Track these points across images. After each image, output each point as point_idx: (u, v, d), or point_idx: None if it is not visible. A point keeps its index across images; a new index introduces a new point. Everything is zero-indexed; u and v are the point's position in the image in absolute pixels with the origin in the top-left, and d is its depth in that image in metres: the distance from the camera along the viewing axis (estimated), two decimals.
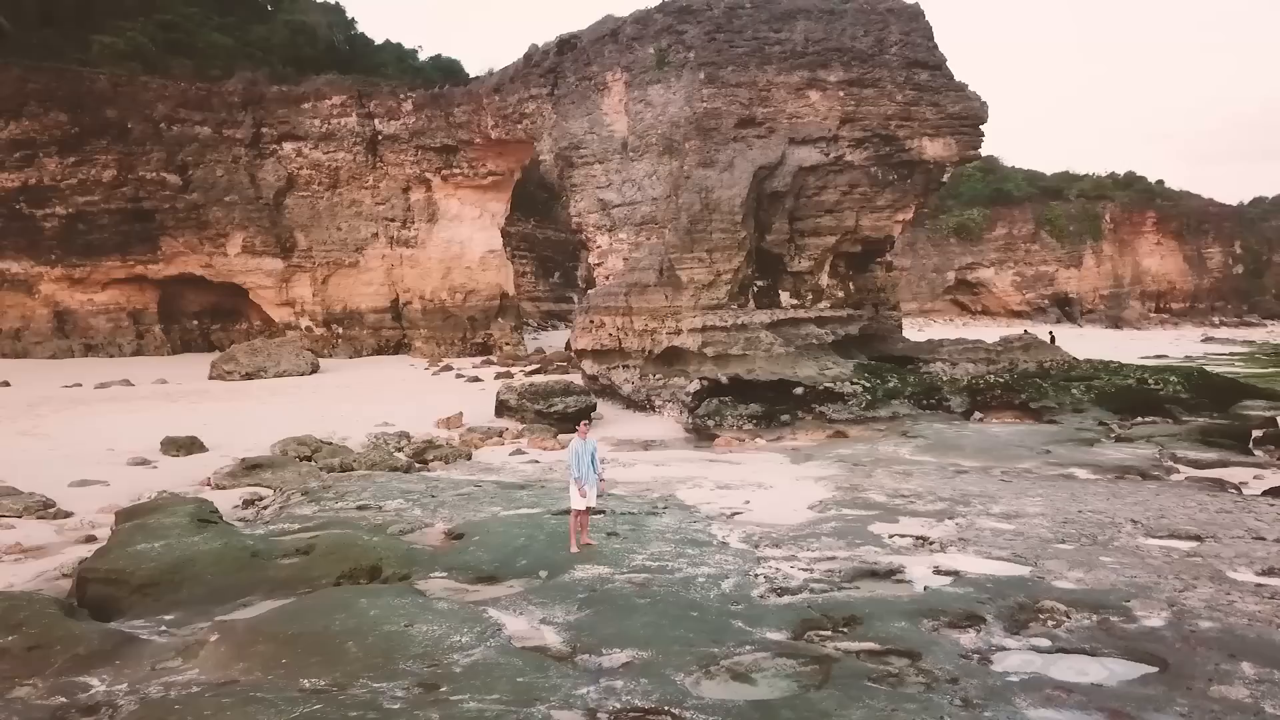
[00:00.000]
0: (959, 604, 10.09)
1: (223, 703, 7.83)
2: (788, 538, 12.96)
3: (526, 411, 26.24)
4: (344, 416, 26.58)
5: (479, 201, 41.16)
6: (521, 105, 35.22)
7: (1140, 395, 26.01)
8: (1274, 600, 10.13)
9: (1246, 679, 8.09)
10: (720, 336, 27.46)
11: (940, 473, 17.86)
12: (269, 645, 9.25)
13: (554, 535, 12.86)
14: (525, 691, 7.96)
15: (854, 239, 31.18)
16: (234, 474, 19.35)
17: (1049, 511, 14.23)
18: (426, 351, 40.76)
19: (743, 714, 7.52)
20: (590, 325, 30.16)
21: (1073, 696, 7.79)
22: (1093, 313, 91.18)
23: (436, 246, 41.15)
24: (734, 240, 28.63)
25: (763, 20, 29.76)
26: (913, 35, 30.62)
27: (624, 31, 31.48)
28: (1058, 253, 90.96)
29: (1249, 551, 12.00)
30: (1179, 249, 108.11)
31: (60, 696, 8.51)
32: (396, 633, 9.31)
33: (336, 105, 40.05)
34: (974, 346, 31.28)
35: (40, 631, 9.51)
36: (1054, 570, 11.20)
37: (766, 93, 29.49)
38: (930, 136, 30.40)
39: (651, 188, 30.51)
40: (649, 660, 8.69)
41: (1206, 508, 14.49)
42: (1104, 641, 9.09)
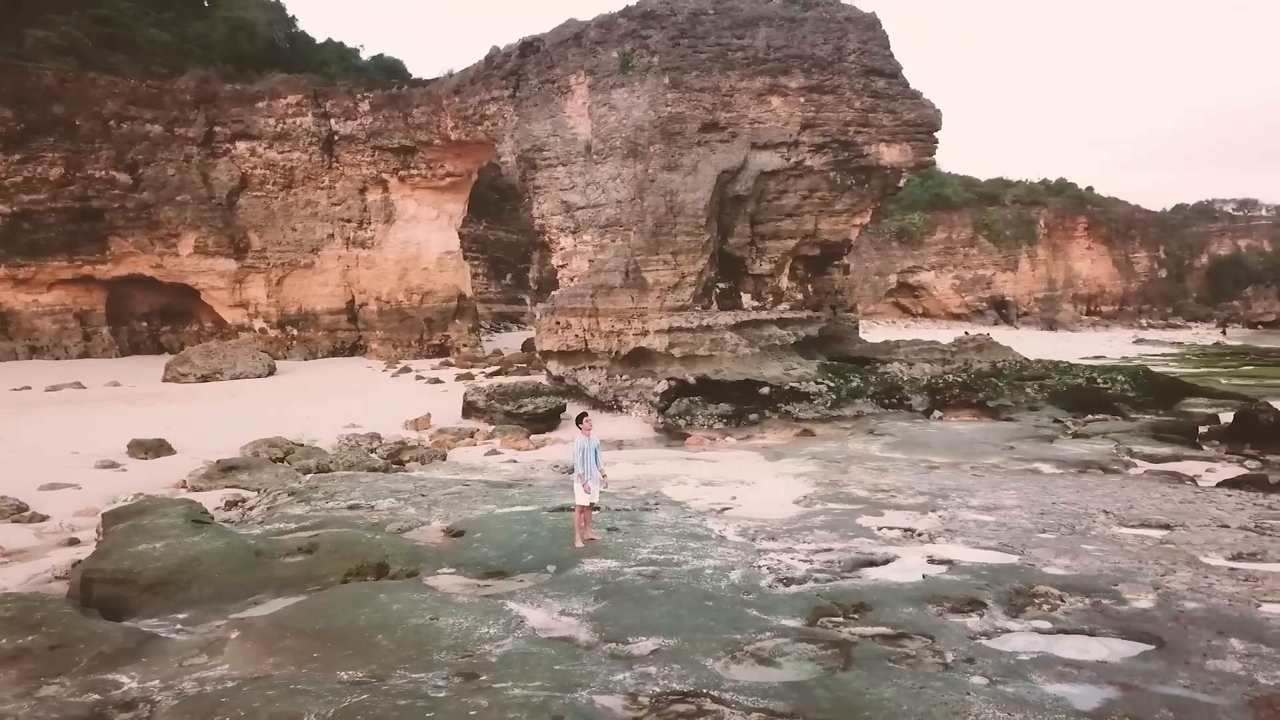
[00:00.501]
0: (959, 590, 10.57)
1: (268, 694, 7.93)
2: (782, 531, 13.37)
3: (495, 412, 26.35)
4: (309, 418, 26.42)
5: (436, 202, 41.04)
6: (482, 107, 35.25)
7: (1090, 394, 27.06)
8: (1248, 582, 10.80)
9: (1237, 653, 8.67)
10: (686, 338, 27.89)
11: (913, 469, 18.47)
12: (297, 640, 9.35)
13: (555, 531, 13.09)
14: (564, 678, 8.20)
15: (813, 242, 31.86)
16: (210, 476, 19.20)
17: (1025, 504, 14.86)
18: (383, 353, 40.51)
19: (779, 694, 7.86)
20: (556, 326, 30.37)
21: (1083, 672, 8.28)
22: (1028, 315, 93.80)
23: (393, 247, 40.91)
24: (698, 243, 29.08)
25: (725, 27, 30.26)
26: (870, 44, 31.41)
27: (587, 35, 31.74)
28: (995, 257, 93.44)
29: (1217, 538, 12.73)
30: (1108, 253, 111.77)
31: (93, 694, 8.52)
32: (424, 625, 9.47)
33: (292, 105, 39.58)
34: (929, 347, 32.16)
35: (61, 631, 9.48)
36: (1041, 558, 11.76)
37: (729, 98, 30.02)
38: (887, 142, 31.22)
39: (616, 190, 30.82)
40: (676, 647, 8.99)
41: (1170, 499, 15.26)
42: (1100, 622, 9.63)
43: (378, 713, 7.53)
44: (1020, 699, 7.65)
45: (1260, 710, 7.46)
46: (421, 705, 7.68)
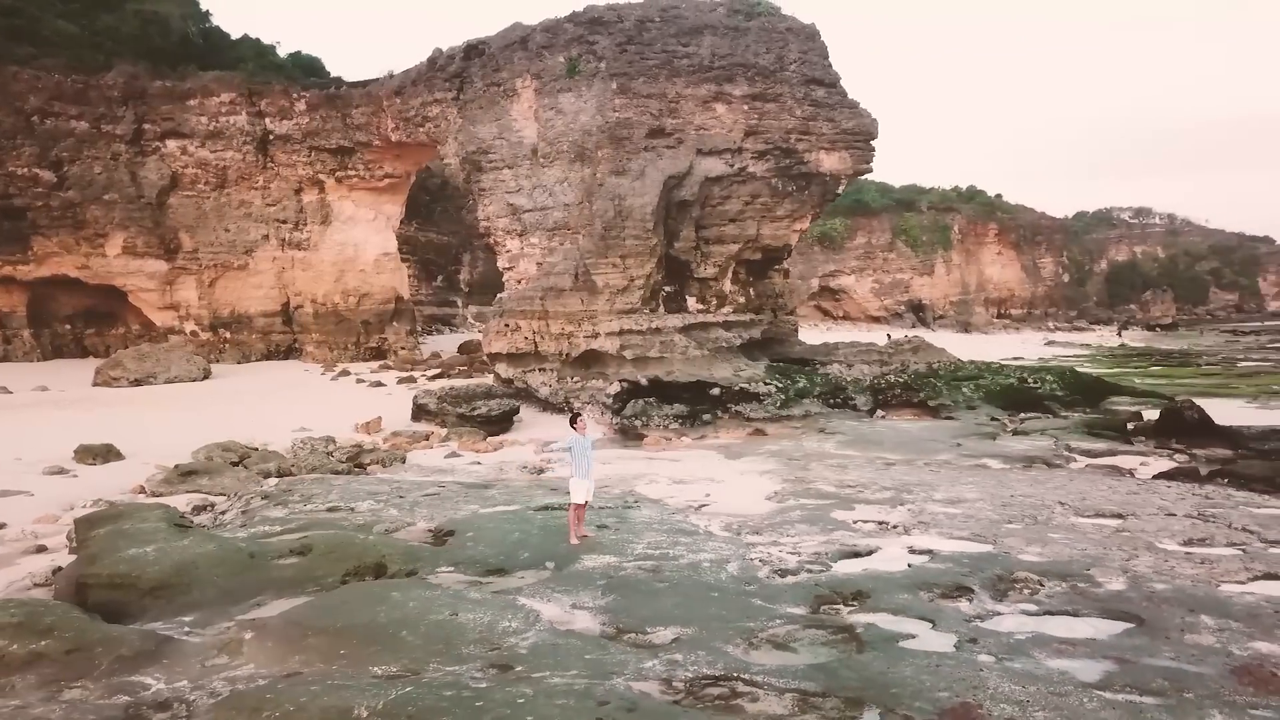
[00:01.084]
0: (946, 578, 11.17)
1: (312, 690, 8.06)
2: (764, 526, 13.87)
3: (448, 415, 26.37)
4: (256, 422, 26.10)
5: (374, 204, 40.65)
6: (425, 109, 35.12)
7: (1022, 393, 28.31)
8: (1205, 565, 11.66)
9: (1210, 628, 9.42)
10: (637, 340, 28.31)
11: (872, 465, 19.20)
12: (320, 639, 9.45)
13: (545, 529, 13.36)
14: (597, 667, 8.51)
15: (755, 247, 32.61)
16: (169, 481, 18.94)
17: (986, 497, 15.65)
18: (319, 356, 39.96)
19: (806, 675, 8.30)
20: (505, 329, 30.49)
21: (1078, 648, 8.93)
22: (943, 318, 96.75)
23: (330, 249, 40.38)
24: (646, 247, 29.55)
25: (671, 34, 30.80)
26: (810, 54, 32.29)
27: (534, 39, 31.94)
28: (912, 261, 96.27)
29: (1167, 526, 13.64)
30: (1017, 259, 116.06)
31: (123, 695, 8.52)
32: (445, 621, 9.67)
33: (225, 103, 38.75)
34: (867, 349, 33.19)
35: (75, 635, 9.42)
36: (1014, 546, 12.47)
37: (675, 104, 30.56)
38: (827, 150, 32.14)
39: (563, 194, 31.08)
40: (694, 636, 9.37)
41: (1117, 490, 16.24)
42: (1081, 604, 10.32)
43: (428, 704, 7.72)
44: (1029, 673, 8.24)
45: (1243, 677, 8.18)
46: (468, 695, 7.90)
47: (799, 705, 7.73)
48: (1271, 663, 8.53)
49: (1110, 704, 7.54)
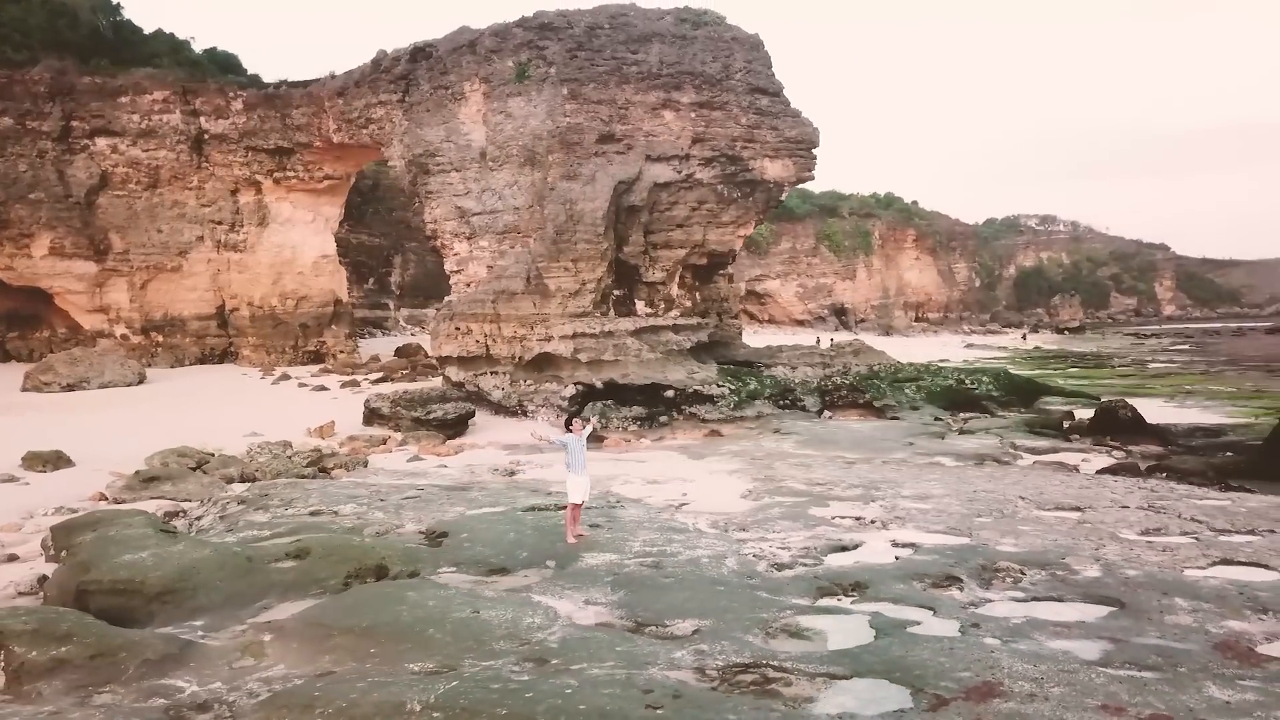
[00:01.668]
0: (934, 568, 11.78)
1: (358, 686, 8.22)
2: (750, 523, 14.34)
3: (402, 419, 26.27)
4: (203, 427, 25.67)
5: (313, 205, 40.08)
6: (369, 110, 34.85)
7: (961, 394, 29.46)
8: (1167, 552, 12.50)
9: (1185, 610, 10.18)
10: (590, 343, 28.60)
11: (833, 464, 19.86)
12: (346, 638, 9.57)
13: (539, 529, 13.61)
14: (631, 658, 8.83)
15: (701, 252, 33.21)
16: (131, 487, 18.59)
17: (951, 493, 16.39)
18: (256, 360, 39.23)
19: (832, 660, 8.76)
20: (456, 332, 30.47)
21: (1073, 630, 9.59)
22: (865, 321, 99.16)
23: (267, 251, 39.66)
24: (597, 251, 29.88)
25: (620, 41, 31.20)
26: (754, 63, 33.05)
27: (482, 43, 32.02)
28: (835, 266, 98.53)
29: (1124, 518, 14.53)
30: (934, 264, 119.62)
31: (159, 698, 8.55)
32: (470, 619, 9.87)
33: (158, 101, 37.76)
34: (809, 351, 34.08)
35: (96, 640, 9.36)
36: (989, 539, 13.17)
37: (625, 111, 30.97)
38: (770, 158, 32.92)
39: (513, 197, 31.22)
40: (713, 628, 9.76)
41: (1070, 485, 17.16)
42: (1063, 590, 11.01)
43: (478, 696, 7.94)
44: (1035, 653, 8.84)
45: (1225, 652, 8.91)
46: (515, 687, 8.15)
47: (832, 689, 8.19)
48: (1247, 639, 9.29)
49: (1116, 679, 8.16)
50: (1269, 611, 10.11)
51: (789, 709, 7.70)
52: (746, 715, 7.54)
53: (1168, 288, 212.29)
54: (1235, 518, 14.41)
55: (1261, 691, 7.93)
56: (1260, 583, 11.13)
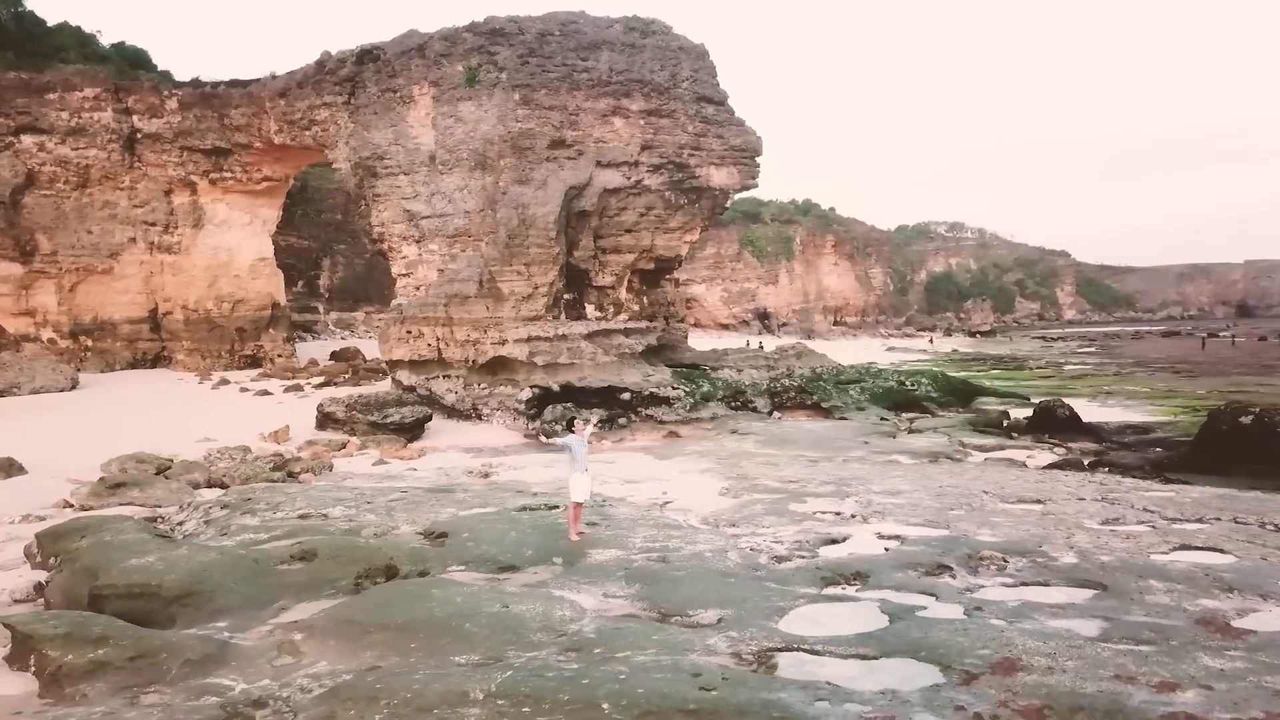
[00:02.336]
0: (924, 558, 12.47)
1: (416, 678, 8.48)
2: (739, 519, 14.89)
3: (358, 423, 26.14)
4: (152, 433, 25.13)
5: (250, 207, 39.36)
6: (312, 112, 34.47)
7: (902, 394, 30.59)
8: (1131, 539, 13.44)
9: (1160, 590, 11.03)
10: (545, 346, 28.88)
11: (798, 462, 20.57)
12: (383, 635, 9.79)
13: (538, 528, 13.93)
14: (669, 645, 9.26)
15: (649, 257, 33.76)
16: (98, 494, 18.26)
17: (918, 488, 17.20)
18: (190, 364, 38.34)
19: (858, 642, 9.33)
20: (407, 336, 30.40)
21: (1067, 610, 10.35)
22: (787, 325, 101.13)
23: (202, 253, 38.79)
24: (549, 255, 30.18)
25: (570, 48, 31.56)
26: (700, 72, 33.76)
27: (431, 47, 32.03)
28: (758, 271, 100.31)
29: (1083, 509, 15.50)
30: (851, 269, 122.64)
31: (210, 696, 8.68)
32: (502, 613, 10.17)
33: (89, 98, 36.63)
34: (754, 354, 34.93)
35: (133, 642, 9.42)
36: (967, 530, 13.96)
37: (576, 117, 31.34)
38: (716, 165, 33.68)
39: (464, 201, 31.31)
40: (736, 616, 10.24)
41: (1025, 479, 18.17)
42: (1048, 575, 11.80)
43: (537, 684, 8.27)
44: (1040, 632, 9.56)
45: (1208, 627, 9.76)
46: (570, 674, 8.50)
47: (867, 668, 8.76)
48: (1222, 615, 10.18)
49: (1120, 653, 8.90)
50: (1234, 590, 11.03)
51: (832, 688, 8.23)
52: (795, 693, 8.04)
53: (1068, 293, 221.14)
54: (1183, 507, 15.52)
55: (1248, 659, 8.75)
56: (1220, 565, 12.09)
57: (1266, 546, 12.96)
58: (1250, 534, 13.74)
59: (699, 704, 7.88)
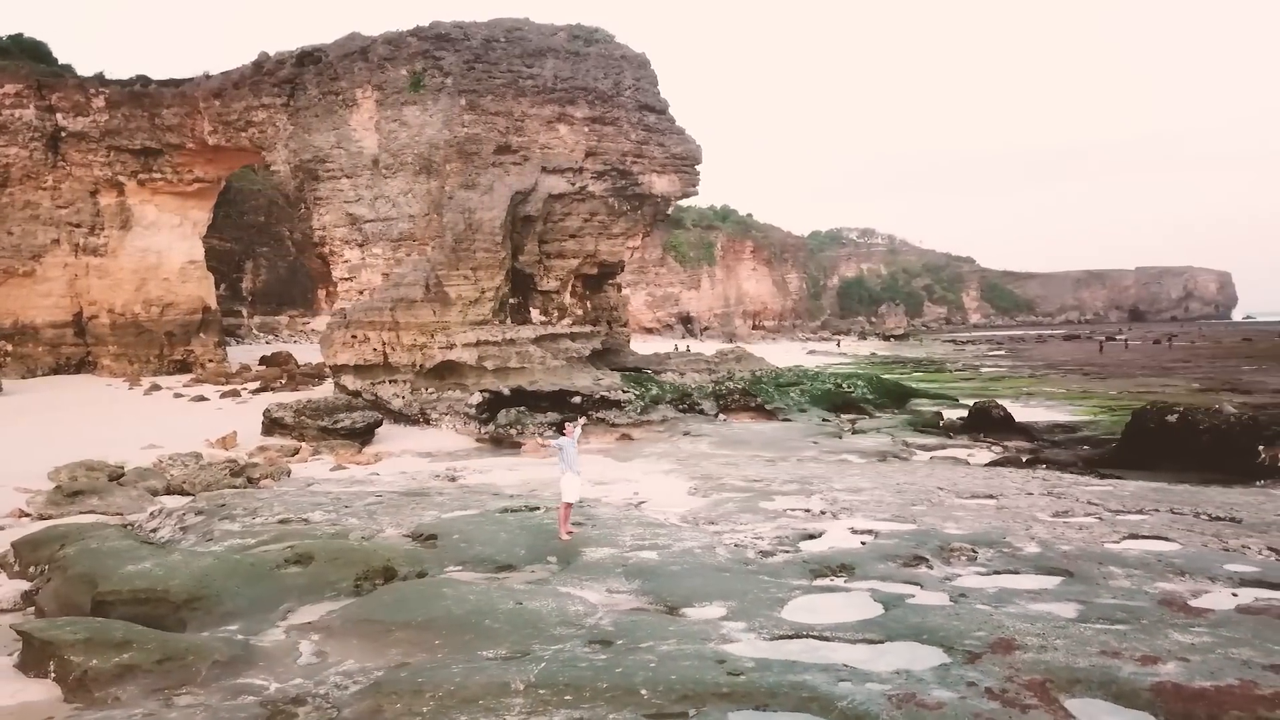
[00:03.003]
0: (900, 551, 13.18)
1: (453, 671, 8.80)
2: (717, 516, 15.43)
3: (308, 428, 25.94)
4: (95, 440, 24.60)
5: (180, 209, 38.46)
6: (249, 113, 33.97)
7: (840, 396, 31.63)
8: (1083, 530, 14.40)
9: (1121, 576, 11.92)
10: (494, 350, 29.09)
11: (755, 462, 21.24)
12: (407, 632, 10.06)
13: (526, 529, 14.26)
14: (688, 635, 9.74)
15: (593, 262, 34.22)
16: (56, 502, 17.91)
17: (877, 485, 17.99)
18: (117, 370, 37.30)
19: (862, 628, 9.95)
20: (352, 340, 30.24)
21: (1043, 595, 11.16)
22: (709, 329, 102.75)
23: (130, 256, 37.76)
24: (496, 260, 30.42)
25: (516, 55, 31.84)
26: (642, 81, 34.37)
27: (375, 51, 31.94)
28: (681, 276, 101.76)
29: (1034, 503, 16.48)
30: (769, 274, 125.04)
31: (247, 696, 8.84)
32: (518, 610, 10.51)
33: (10, 95, 35.36)
34: (695, 358, 35.63)
35: (158, 646, 9.53)
36: (934, 524, 14.75)
37: (521, 123, 31.65)
38: (658, 173, 34.33)
39: (408, 205, 31.31)
40: (738, 608, 10.76)
41: (974, 476, 19.15)
42: (1016, 564, 12.62)
43: (573, 673, 8.67)
44: (1025, 615, 10.32)
45: (1171, 607, 10.67)
46: (601, 664, 8.91)
47: (876, 651, 9.39)
48: (1180, 596, 11.11)
49: (1101, 631, 9.71)
50: (1185, 574, 11.99)
51: (850, 669, 8.82)
52: (818, 675, 8.61)
53: (973, 298, 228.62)
54: (1124, 500, 16.63)
55: (1213, 634, 9.62)
56: (1168, 552, 13.08)
57: (1205, 535, 14.03)
58: (1188, 523, 14.84)
59: (731, 687, 8.39)
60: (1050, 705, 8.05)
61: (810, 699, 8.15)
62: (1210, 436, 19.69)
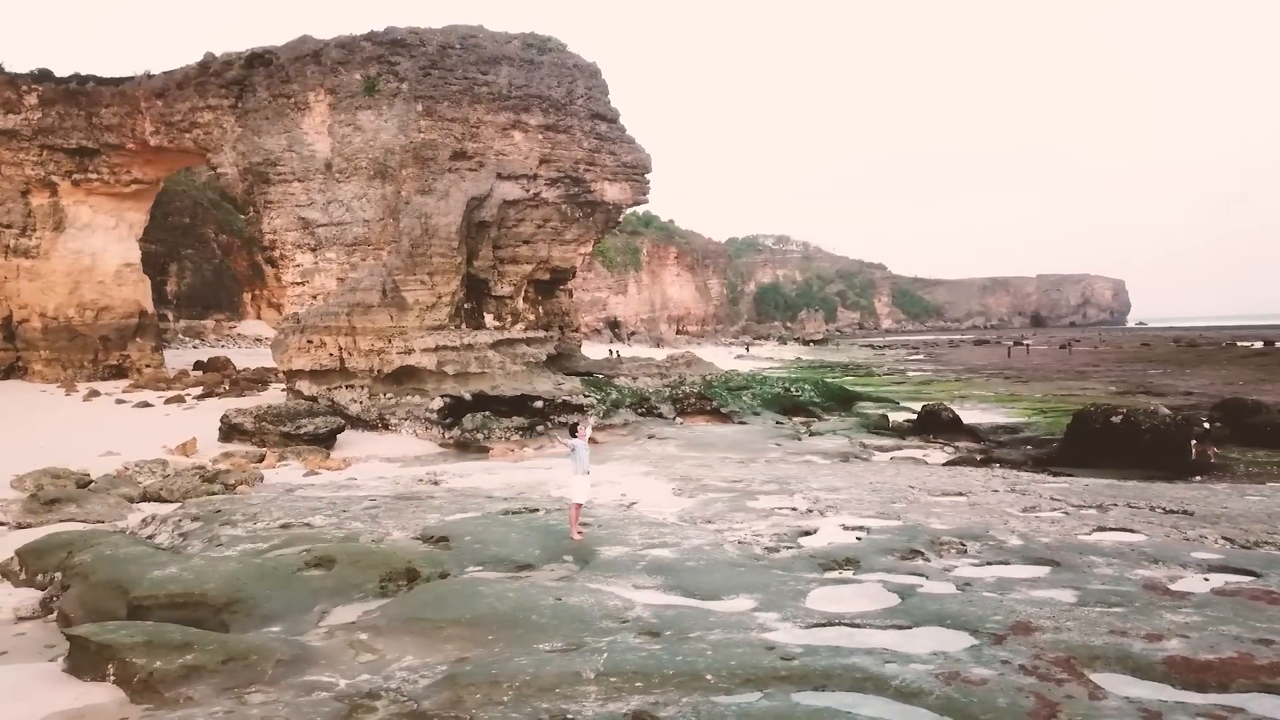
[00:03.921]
0: (895, 545, 13.97)
1: (522, 662, 9.20)
2: (712, 515, 16.01)
3: (269, 434, 25.79)
4: (47, 447, 24.01)
5: (116, 210, 37.40)
6: (194, 114, 33.34)
7: (789, 400, 32.63)
8: (1055, 524, 15.43)
9: (1102, 564, 12.91)
10: (453, 355, 29.24)
11: (727, 464, 21.93)
12: (457, 629, 10.39)
13: (533, 529, 14.64)
14: (730, 625, 10.30)
15: (546, 268, 34.57)
16: (33, 510, 17.68)
17: (851, 485, 18.84)
18: (49, 375, 36.11)
19: (888, 615, 10.64)
20: (308, 345, 30.02)
21: (1040, 583, 12.07)
22: (636, 334, 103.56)
23: (63, 258, 36.58)
24: (452, 265, 30.57)
25: (471, 62, 32.03)
26: (594, 90, 34.87)
27: (327, 54, 31.75)
28: (608, 281, 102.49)
29: (1002, 499, 17.51)
30: (692, 280, 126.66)
31: (320, 692, 9.09)
32: (560, 605, 10.92)
33: None
34: (647, 363, 36.26)
35: (219, 647, 9.70)
36: (918, 520, 15.61)
37: (477, 129, 31.85)
38: (610, 181, 34.85)
39: (362, 209, 31.23)
40: (766, 599, 11.37)
41: (939, 475, 20.17)
42: (1005, 555, 13.51)
43: (637, 661, 9.16)
44: (1031, 600, 11.17)
45: (1155, 591, 11.67)
46: (659, 653, 9.39)
47: (907, 636, 10.11)
48: (1160, 582, 12.13)
49: (1103, 614, 10.59)
50: (1158, 562, 13.03)
51: (891, 652, 9.51)
52: (863, 658, 9.27)
53: (885, 303, 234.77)
54: (1083, 495, 17.79)
55: (1201, 614, 10.58)
56: (1137, 542, 14.14)
57: (1164, 526, 15.18)
58: (1146, 517, 16.01)
59: (788, 671, 8.99)
60: (1080, 679, 8.86)
61: (864, 679, 8.79)
62: (1152, 436, 21.13)
